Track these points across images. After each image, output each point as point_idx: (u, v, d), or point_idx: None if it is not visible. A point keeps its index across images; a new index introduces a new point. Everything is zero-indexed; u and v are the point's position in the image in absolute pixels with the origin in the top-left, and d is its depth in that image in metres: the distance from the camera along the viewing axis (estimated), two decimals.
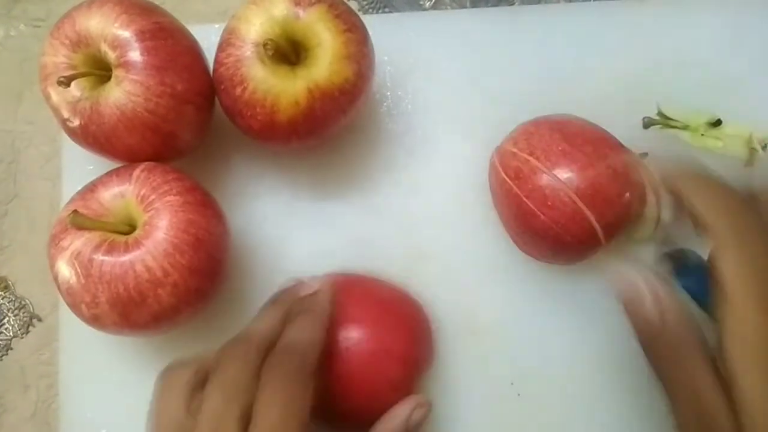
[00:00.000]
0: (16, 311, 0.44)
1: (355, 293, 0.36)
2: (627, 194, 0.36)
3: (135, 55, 0.34)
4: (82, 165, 0.41)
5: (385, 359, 0.34)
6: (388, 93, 0.43)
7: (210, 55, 0.38)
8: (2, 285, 0.44)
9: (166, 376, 0.31)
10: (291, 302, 0.34)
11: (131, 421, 0.40)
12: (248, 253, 0.41)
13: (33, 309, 0.44)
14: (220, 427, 0.27)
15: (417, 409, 0.33)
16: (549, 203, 0.36)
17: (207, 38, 0.39)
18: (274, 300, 0.35)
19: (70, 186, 0.40)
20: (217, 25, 0.39)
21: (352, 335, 0.34)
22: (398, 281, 0.38)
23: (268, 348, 0.30)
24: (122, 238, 0.33)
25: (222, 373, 0.29)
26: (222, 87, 0.36)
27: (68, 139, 0.37)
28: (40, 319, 0.44)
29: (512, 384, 0.39)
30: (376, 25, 0.39)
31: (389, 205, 0.42)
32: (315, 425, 0.32)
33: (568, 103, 0.41)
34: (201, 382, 0.29)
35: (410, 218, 0.42)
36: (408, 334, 0.35)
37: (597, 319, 0.40)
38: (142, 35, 0.35)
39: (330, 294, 0.34)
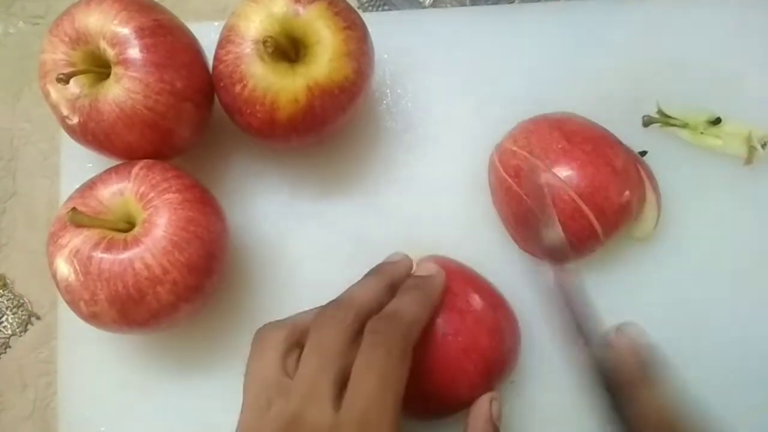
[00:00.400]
0: (14, 309, 0.44)
1: (458, 283, 0.36)
2: (626, 192, 0.36)
3: (134, 52, 0.34)
4: (80, 163, 0.41)
5: (472, 358, 0.34)
6: (388, 91, 0.43)
7: (209, 53, 0.38)
8: (0, 283, 0.44)
9: (262, 335, 0.31)
10: (398, 276, 0.34)
11: (130, 419, 0.40)
12: (247, 251, 0.41)
13: (31, 307, 0.44)
14: (314, 390, 0.27)
15: (493, 402, 0.33)
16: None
17: (206, 36, 0.39)
18: (378, 270, 0.35)
19: (69, 184, 0.40)
20: (216, 23, 0.39)
21: (448, 325, 0.34)
22: None
23: (368, 315, 0.30)
24: (121, 236, 0.33)
25: (320, 335, 0.29)
26: (221, 84, 0.36)
27: (67, 136, 0.37)
28: (38, 318, 0.44)
29: (512, 382, 0.39)
30: (375, 22, 0.38)
31: (388, 203, 0.42)
32: None
33: (567, 101, 0.41)
34: (296, 343, 0.30)
35: (409, 216, 0.41)
36: (500, 339, 0.35)
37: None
38: (141, 32, 0.34)
39: (443, 282, 0.34)
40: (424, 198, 0.42)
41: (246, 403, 0.30)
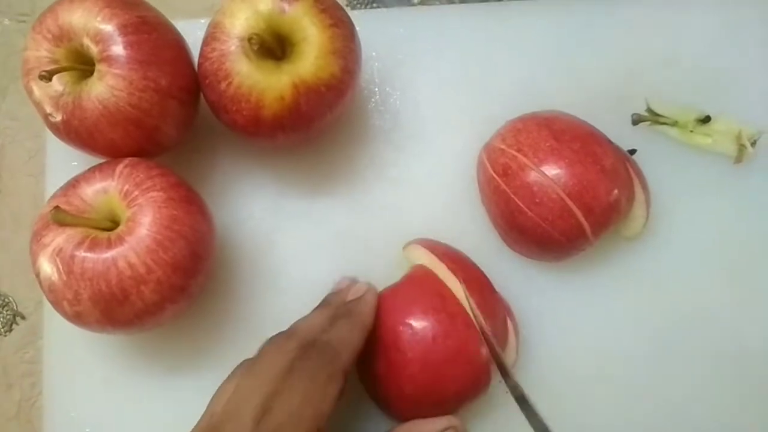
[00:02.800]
0: None
1: (473, 284, 0.35)
2: (615, 191, 0.36)
3: (118, 49, 0.34)
4: (66, 161, 0.41)
5: (461, 362, 0.34)
6: (376, 89, 0.43)
7: (195, 51, 0.37)
8: None
9: (243, 365, 0.33)
10: (342, 304, 0.36)
11: (115, 419, 0.40)
12: (233, 250, 0.41)
13: (16, 307, 0.43)
14: (240, 408, 0.29)
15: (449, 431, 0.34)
16: (537, 200, 0.36)
17: (192, 33, 0.38)
18: (326, 302, 0.36)
19: (54, 182, 0.39)
20: (202, 20, 0.38)
21: (438, 328, 0.34)
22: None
23: (310, 344, 0.32)
24: (105, 235, 0.33)
25: (259, 361, 0.31)
26: (207, 82, 0.36)
27: (52, 135, 0.37)
28: (23, 317, 0.43)
29: (500, 381, 0.38)
30: (363, 20, 0.38)
31: (377, 202, 0.41)
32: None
33: (557, 99, 0.40)
34: None
35: (398, 215, 0.41)
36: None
37: (584, 316, 0.40)
38: (124, 29, 0.34)
39: (373, 301, 0.35)
40: (412, 197, 0.41)
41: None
